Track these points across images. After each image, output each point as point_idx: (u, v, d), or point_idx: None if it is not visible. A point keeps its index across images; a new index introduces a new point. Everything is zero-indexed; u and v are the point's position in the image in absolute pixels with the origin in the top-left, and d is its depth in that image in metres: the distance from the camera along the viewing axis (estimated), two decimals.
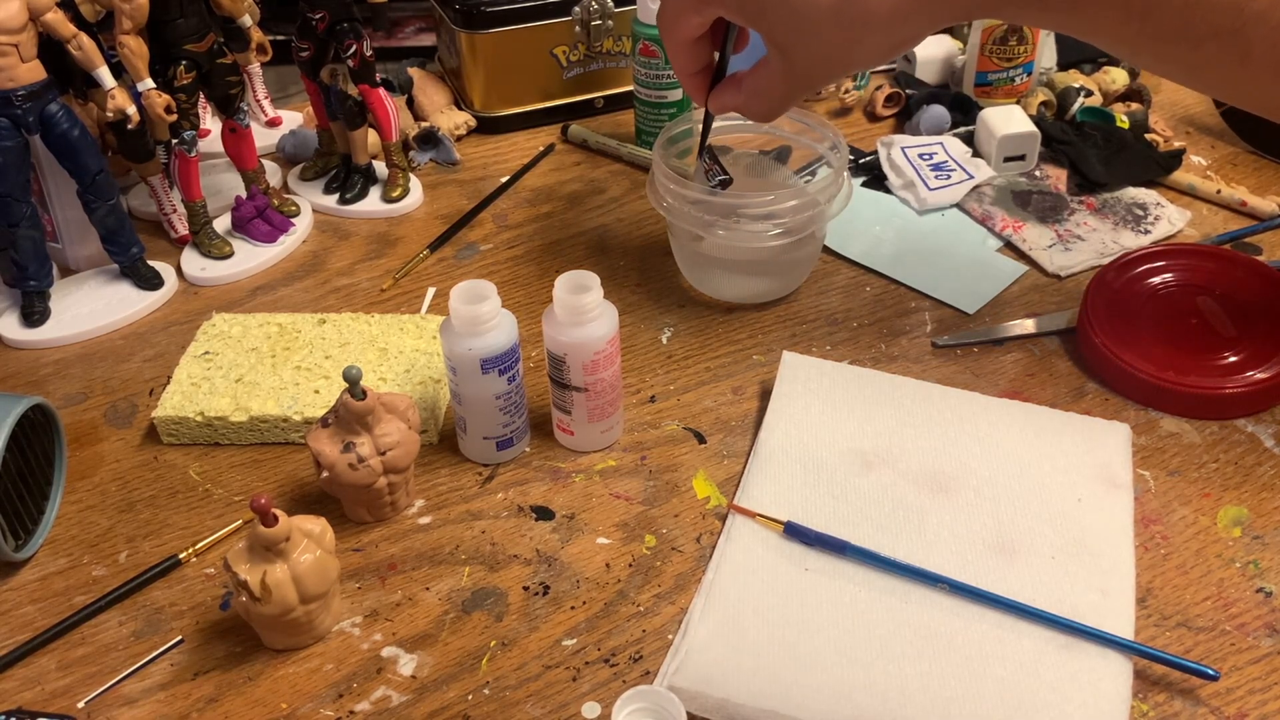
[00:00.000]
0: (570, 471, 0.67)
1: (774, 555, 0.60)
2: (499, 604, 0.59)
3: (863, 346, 0.76)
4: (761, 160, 0.86)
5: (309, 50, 0.87)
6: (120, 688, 0.56)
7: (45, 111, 0.74)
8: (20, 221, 0.76)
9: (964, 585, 0.56)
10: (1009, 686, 0.52)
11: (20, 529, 0.62)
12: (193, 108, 0.81)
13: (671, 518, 0.64)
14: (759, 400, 0.71)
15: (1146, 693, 0.53)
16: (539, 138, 1.02)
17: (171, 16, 0.77)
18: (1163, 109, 1.02)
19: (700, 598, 0.58)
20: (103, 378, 0.76)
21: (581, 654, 0.56)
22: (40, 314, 0.80)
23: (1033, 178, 0.92)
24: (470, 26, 0.98)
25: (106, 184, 0.79)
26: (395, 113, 0.90)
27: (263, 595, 0.53)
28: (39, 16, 0.72)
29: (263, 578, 0.53)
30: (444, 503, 0.65)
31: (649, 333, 0.78)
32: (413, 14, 1.24)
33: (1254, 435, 0.68)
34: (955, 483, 0.63)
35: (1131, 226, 0.86)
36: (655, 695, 0.51)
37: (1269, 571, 0.59)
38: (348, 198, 0.92)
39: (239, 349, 0.74)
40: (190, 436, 0.70)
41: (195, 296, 0.84)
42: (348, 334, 0.75)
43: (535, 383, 0.72)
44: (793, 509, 0.61)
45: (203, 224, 0.86)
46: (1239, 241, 0.85)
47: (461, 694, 0.55)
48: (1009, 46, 0.97)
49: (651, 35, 0.92)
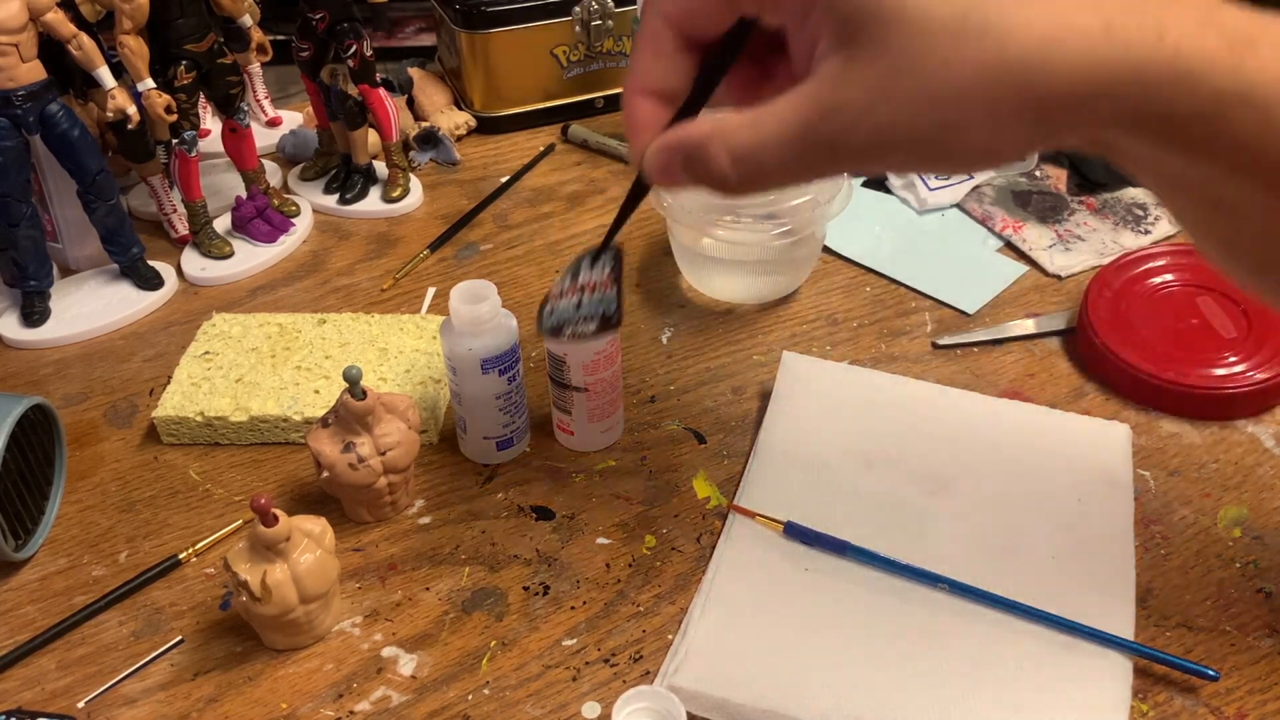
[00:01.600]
0: (570, 471, 0.67)
1: (774, 555, 0.60)
2: (499, 604, 0.59)
3: (863, 346, 0.76)
4: None
5: (309, 50, 0.87)
6: (120, 688, 0.56)
7: (45, 111, 0.74)
8: (20, 221, 0.76)
9: (964, 585, 0.56)
10: (1009, 686, 0.52)
11: (20, 529, 0.62)
12: (193, 108, 0.81)
13: (671, 518, 0.64)
14: (759, 400, 0.71)
15: (1146, 693, 0.53)
16: (539, 138, 1.02)
17: (172, 16, 0.77)
18: None
19: (700, 598, 0.58)
20: (103, 378, 0.76)
21: (581, 654, 0.56)
22: (40, 314, 0.80)
23: (1033, 178, 0.92)
24: (470, 26, 0.98)
25: (106, 184, 0.79)
26: (395, 113, 0.90)
27: (263, 595, 0.53)
28: (39, 16, 0.72)
29: (263, 578, 0.53)
30: (444, 503, 0.65)
31: (649, 333, 0.78)
32: (413, 14, 1.24)
33: (1254, 436, 0.68)
34: (955, 483, 0.63)
35: (1132, 226, 0.86)
36: (655, 695, 0.51)
37: (1269, 571, 0.59)
38: (348, 198, 0.92)
39: (239, 349, 0.74)
40: (190, 436, 0.70)
41: (195, 296, 0.84)
42: (348, 334, 0.75)
43: (535, 383, 0.72)
44: (793, 509, 0.61)
45: (203, 224, 0.86)
46: None
47: (461, 694, 0.55)
48: None
49: None
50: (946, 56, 0.38)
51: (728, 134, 0.41)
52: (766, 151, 0.40)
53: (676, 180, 0.44)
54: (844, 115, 0.39)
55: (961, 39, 0.38)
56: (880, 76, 0.38)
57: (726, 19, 0.44)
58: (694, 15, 0.44)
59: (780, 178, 0.41)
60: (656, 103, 0.45)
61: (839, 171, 0.42)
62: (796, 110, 0.40)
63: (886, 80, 0.38)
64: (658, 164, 0.44)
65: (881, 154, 0.40)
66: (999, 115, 0.39)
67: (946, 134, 0.39)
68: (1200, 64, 0.38)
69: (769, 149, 0.40)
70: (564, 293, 0.51)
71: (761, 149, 0.40)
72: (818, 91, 0.39)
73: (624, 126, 0.46)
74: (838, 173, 0.42)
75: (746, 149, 0.41)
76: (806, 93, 0.39)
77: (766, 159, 0.40)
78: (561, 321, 0.51)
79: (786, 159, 0.40)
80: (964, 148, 0.40)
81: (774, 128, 0.40)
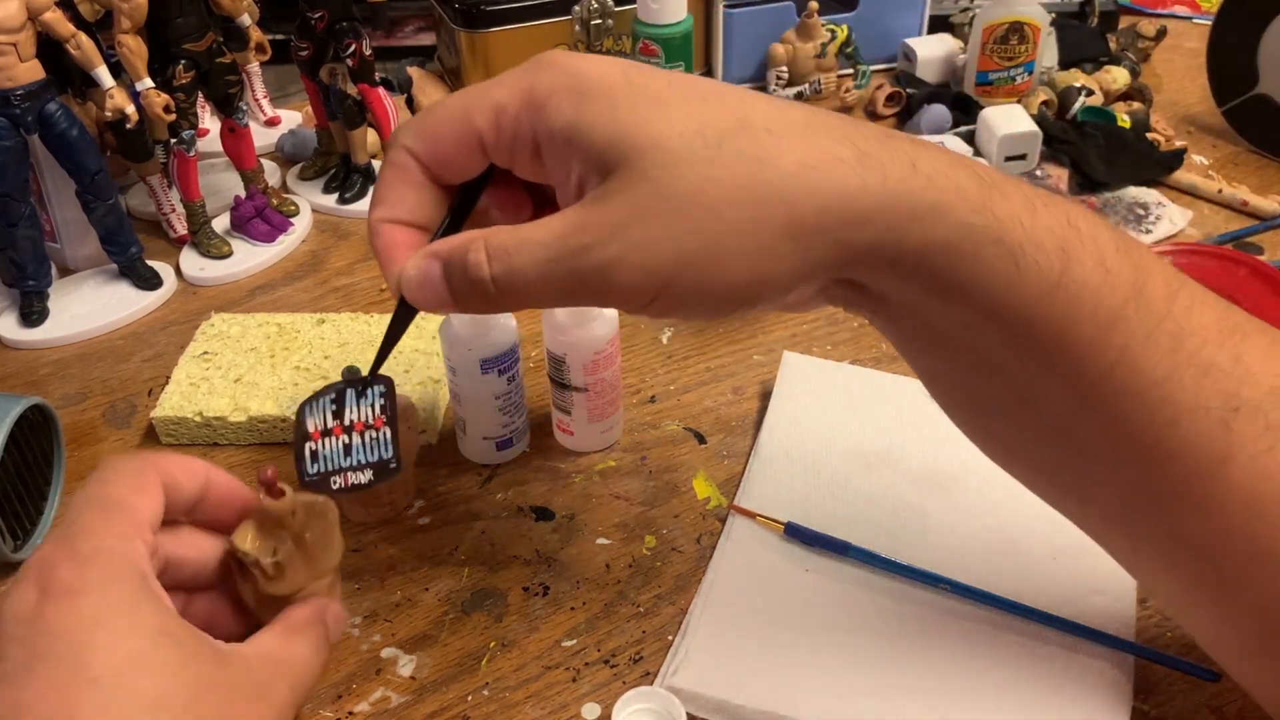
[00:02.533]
0: (570, 471, 0.67)
1: (774, 556, 0.59)
2: (499, 604, 0.59)
3: (863, 346, 0.76)
4: None
5: (308, 49, 0.87)
6: None
7: (44, 111, 0.74)
8: (19, 221, 0.76)
9: (965, 586, 0.56)
10: (1009, 687, 0.52)
11: (19, 529, 0.62)
12: (191, 107, 0.81)
13: (671, 518, 0.63)
14: (759, 400, 0.71)
15: (1147, 693, 0.53)
16: None
17: (170, 16, 0.77)
18: (1164, 108, 1.02)
19: (700, 598, 0.57)
20: (101, 378, 0.76)
21: (581, 654, 0.56)
22: (39, 314, 0.80)
23: (1034, 177, 0.91)
24: (470, 26, 0.98)
25: (105, 184, 0.78)
26: (395, 112, 0.90)
27: (274, 574, 0.51)
28: (37, 16, 0.72)
29: (274, 554, 0.52)
30: (443, 503, 0.65)
31: (649, 333, 0.78)
32: (412, 13, 1.24)
33: None
34: (956, 483, 0.63)
35: (1133, 226, 0.86)
36: (655, 696, 0.51)
37: None
38: (347, 197, 0.92)
39: (238, 349, 0.74)
40: (189, 437, 0.70)
41: (194, 296, 0.84)
42: (347, 334, 0.75)
43: (535, 383, 0.72)
44: (793, 509, 0.61)
45: (202, 224, 0.86)
46: (1240, 241, 0.85)
47: (461, 695, 0.54)
48: (1010, 45, 0.97)
49: (652, 34, 0.92)
50: (705, 177, 0.38)
51: (489, 235, 0.40)
52: (525, 252, 0.39)
53: (437, 293, 0.42)
54: (601, 230, 0.38)
55: (719, 163, 0.38)
56: (639, 197, 0.38)
57: (478, 168, 0.43)
58: (442, 161, 0.43)
59: (541, 289, 0.40)
60: (408, 230, 0.44)
61: (603, 298, 0.40)
62: (559, 221, 0.39)
63: (645, 200, 0.38)
64: (417, 276, 0.42)
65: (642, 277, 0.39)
66: (760, 237, 0.38)
67: (707, 257, 0.38)
68: (952, 196, 0.39)
69: (525, 253, 0.39)
70: (328, 432, 0.43)
71: (519, 251, 0.40)
72: (579, 211, 0.39)
73: (375, 254, 0.44)
74: (602, 300, 0.41)
75: (507, 246, 0.40)
76: (569, 212, 0.39)
77: (525, 265, 0.39)
78: (329, 470, 0.43)
79: (544, 270, 0.39)
80: (725, 274, 0.39)
81: (535, 233, 0.40)
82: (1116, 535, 0.45)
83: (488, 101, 0.41)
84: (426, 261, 0.42)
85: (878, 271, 0.40)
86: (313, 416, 0.43)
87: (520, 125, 0.41)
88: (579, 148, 0.39)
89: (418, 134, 0.43)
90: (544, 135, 0.40)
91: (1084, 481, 0.43)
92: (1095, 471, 0.42)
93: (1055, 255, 0.39)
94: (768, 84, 1.04)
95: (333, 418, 0.43)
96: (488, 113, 0.41)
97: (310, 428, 0.43)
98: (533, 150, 0.41)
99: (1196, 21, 1.21)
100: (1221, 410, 0.38)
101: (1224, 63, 0.96)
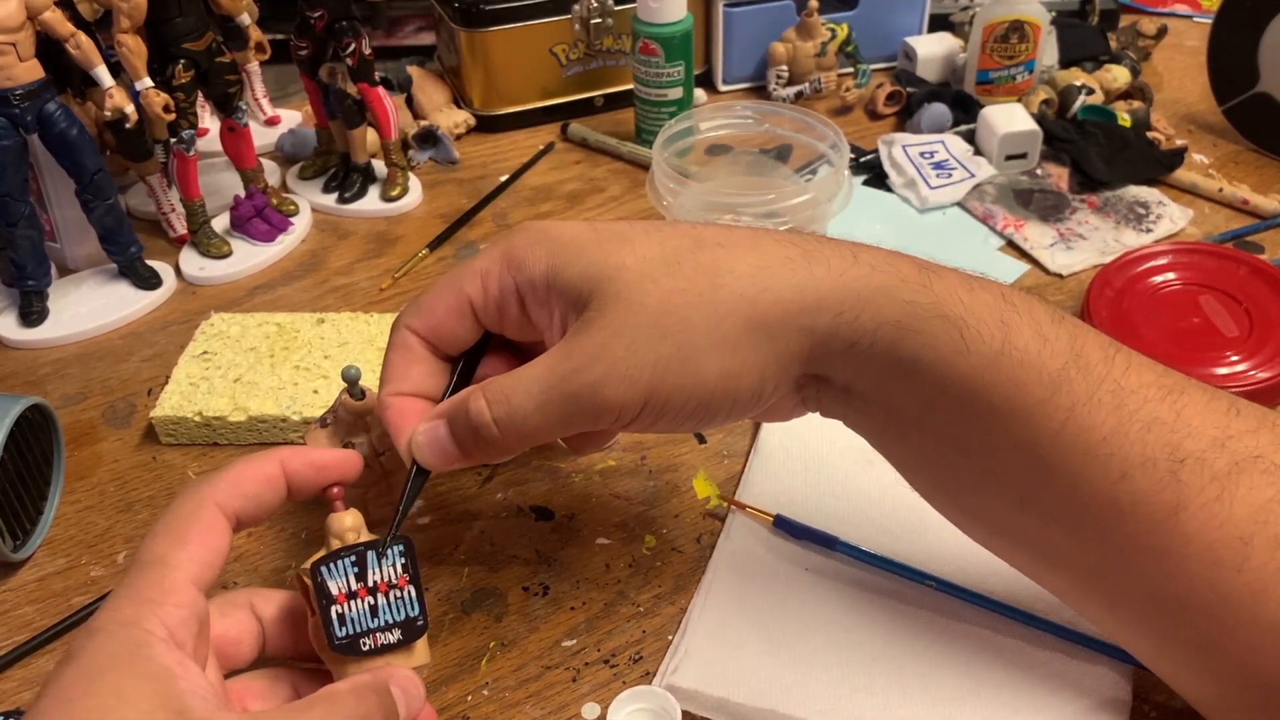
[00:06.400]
0: (570, 471, 0.67)
1: (773, 555, 0.59)
2: (498, 604, 0.59)
3: None
4: (762, 159, 0.86)
5: (308, 49, 0.87)
6: None
7: (43, 110, 0.74)
8: (18, 221, 0.75)
9: (964, 587, 0.56)
10: (1009, 687, 0.52)
11: (18, 529, 0.62)
12: (191, 107, 0.81)
13: (671, 518, 0.63)
14: None
15: (1147, 693, 0.53)
16: (538, 136, 1.02)
17: (170, 15, 0.77)
18: (1164, 107, 1.02)
19: (699, 597, 0.57)
20: (101, 378, 0.76)
21: (581, 654, 0.56)
22: (38, 314, 0.80)
23: (1034, 176, 0.91)
24: (470, 25, 0.98)
25: (104, 183, 0.78)
26: (394, 111, 0.90)
27: None
28: (37, 15, 0.71)
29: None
30: (443, 503, 0.65)
31: None
32: (412, 12, 1.24)
33: None
34: None
35: (1133, 225, 0.86)
36: (652, 695, 0.51)
37: None
38: (346, 197, 0.92)
39: (237, 349, 0.74)
40: (189, 436, 0.70)
41: (194, 296, 0.84)
42: (347, 333, 0.75)
43: None
44: (793, 507, 0.61)
45: (201, 223, 0.86)
46: (1241, 240, 0.85)
47: (461, 694, 0.54)
48: (1010, 44, 0.97)
49: (652, 33, 0.92)
50: (670, 289, 0.43)
51: (486, 384, 0.45)
52: (520, 390, 0.44)
53: (445, 450, 0.46)
54: (586, 353, 0.43)
55: (681, 276, 0.43)
56: (615, 317, 0.43)
57: (473, 335, 0.48)
58: (441, 332, 0.48)
59: (540, 420, 0.44)
60: (415, 401, 0.48)
61: (597, 418, 0.44)
62: (547, 356, 0.44)
63: (620, 318, 0.43)
64: (425, 440, 0.46)
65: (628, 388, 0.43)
66: (727, 334, 0.43)
67: (682, 361, 0.43)
68: (895, 280, 0.44)
69: (521, 390, 0.44)
70: (353, 594, 0.44)
71: (515, 391, 0.44)
72: (565, 343, 0.44)
73: (387, 427, 0.48)
74: (596, 420, 0.44)
75: (504, 389, 0.44)
76: (556, 347, 0.44)
77: (523, 401, 0.44)
78: (358, 632, 0.44)
79: (540, 400, 0.44)
80: (702, 373, 0.43)
81: (528, 371, 0.44)
82: (1092, 600, 0.47)
83: (473, 270, 0.47)
84: (433, 424, 0.46)
85: (839, 359, 0.44)
86: (334, 579, 0.44)
87: (504, 282, 0.46)
88: (556, 289, 0.44)
89: (416, 312, 0.48)
90: (525, 285, 0.45)
91: (1053, 548, 0.45)
92: (1059, 537, 0.44)
93: (995, 327, 0.43)
94: (768, 82, 1.04)
95: (355, 580, 0.44)
96: (474, 279, 0.46)
97: (334, 590, 0.44)
98: (518, 304, 0.46)
99: (1197, 20, 1.20)
100: (1168, 462, 0.41)
101: (1224, 61, 0.96)
